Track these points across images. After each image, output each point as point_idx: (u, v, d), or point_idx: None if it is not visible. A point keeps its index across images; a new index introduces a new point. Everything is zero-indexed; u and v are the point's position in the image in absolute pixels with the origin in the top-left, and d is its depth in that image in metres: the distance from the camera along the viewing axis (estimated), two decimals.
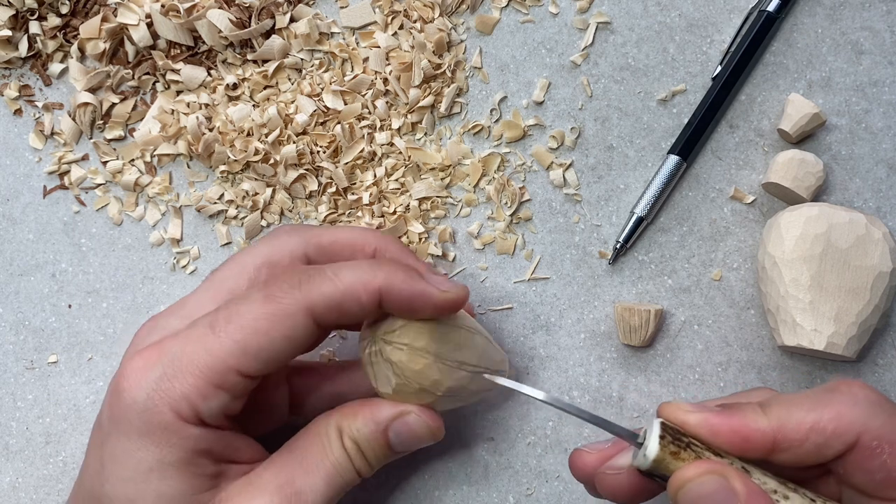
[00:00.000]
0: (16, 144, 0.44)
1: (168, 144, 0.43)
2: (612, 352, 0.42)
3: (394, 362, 0.32)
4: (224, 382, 0.30)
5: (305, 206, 0.43)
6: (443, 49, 0.43)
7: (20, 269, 0.43)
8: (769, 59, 0.43)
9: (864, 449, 0.28)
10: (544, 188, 0.43)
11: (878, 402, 0.29)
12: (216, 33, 0.42)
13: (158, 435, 0.30)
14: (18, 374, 0.42)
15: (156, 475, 0.30)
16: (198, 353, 0.30)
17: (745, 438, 0.29)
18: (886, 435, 0.28)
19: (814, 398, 0.30)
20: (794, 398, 0.30)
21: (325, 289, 0.31)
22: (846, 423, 0.28)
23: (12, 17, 0.43)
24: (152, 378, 0.30)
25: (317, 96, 0.42)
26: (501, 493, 0.41)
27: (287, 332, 0.30)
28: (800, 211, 0.39)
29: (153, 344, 0.32)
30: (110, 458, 0.31)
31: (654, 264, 0.42)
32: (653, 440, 0.28)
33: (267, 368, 0.31)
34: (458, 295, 0.32)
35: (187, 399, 0.30)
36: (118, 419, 0.31)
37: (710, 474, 0.27)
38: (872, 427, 0.28)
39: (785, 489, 0.29)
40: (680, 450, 0.28)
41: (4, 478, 0.42)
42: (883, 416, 0.28)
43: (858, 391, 0.29)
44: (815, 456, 0.29)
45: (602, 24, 0.44)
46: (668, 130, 0.43)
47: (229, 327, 0.30)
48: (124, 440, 0.30)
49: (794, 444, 0.29)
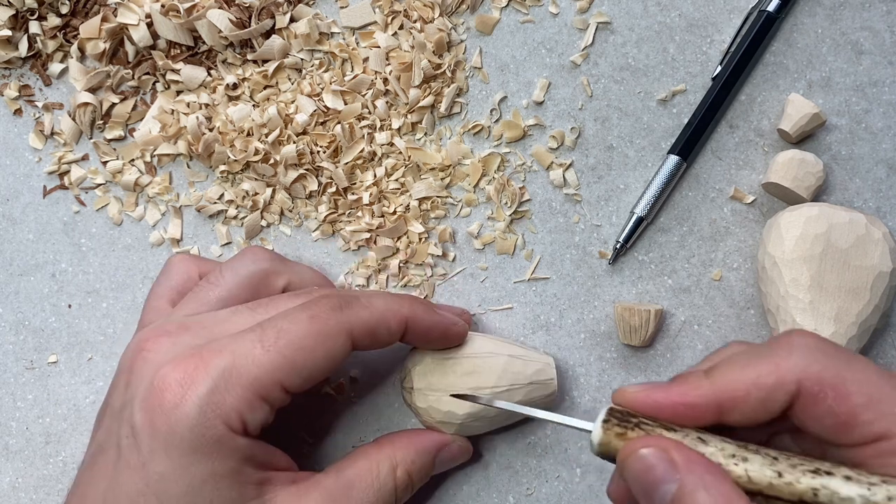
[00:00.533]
0: (16, 144, 0.44)
1: (168, 144, 0.43)
2: (612, 352, 0.42)
3: (409, 404, 0.38)
4: (269, 395, 0.32)
5: (305, 205, 0.43)
6: (443, 49, 0.43)
7: (20, 269, 0.43)
8: (769, 59, 0.43)
9: (808, 396, 0.27)
10: (544, 188, 0.43)
11: (818, 347, 0.28)
12: (216, 33, 0.42)
13: (211, 447, 0.31)
14: (18, 374, 0.42)
15: (209, 486, 0.31)
16: (247, 367, 0.31)
17: (690, 406, 0.29)
18: (828, 379, 0.27)
19: (753, 353, 0.29)
20: (737, 357, 0.29)
21: (362, 314, 0.34)
22: (784, 373, 0.28)
23: (12, 17, 0.43)
24: (202, 392, 0.31)
25: (317, 96, 0.42)
26: (501, 494, 0.41)
27: (329, 351, 0.33)
28: (800, 211, 0.39)
29: (190, 355, 0.32)
30: (160, 477, 0.31)
31: (654, 264, 0.42)
32: (596, 426, 0.29)
33: (305, 385, 0.33)
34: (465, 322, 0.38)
35: (237, 411, 0.31)
36: (165, 435, 0.31)
37: (647, 448, 0.28)
38: (812, 373, 0.27)
39: (745, 452, 0.28)
40: (626, 430, 0.28)
41: (4, 478, 0.42)
42: (823, 360, 0.27)
43: (797, 339, 0.28)
44: (764, 411, 0.28)
45: (602, 24, 0.44)
46: (668, 130, 0.43)
47: (279, 343, 0.32)
48: (176, 457, 0.31)
49: (738, 404, 0.28)
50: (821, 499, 0.26)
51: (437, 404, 0.37)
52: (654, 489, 0.27)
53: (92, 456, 0.34)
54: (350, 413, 0.42)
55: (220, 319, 0.34)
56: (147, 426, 0.31)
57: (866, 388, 0.27)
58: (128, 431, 0.32)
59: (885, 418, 0.26)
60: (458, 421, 0.37)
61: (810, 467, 0.27)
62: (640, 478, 0.28)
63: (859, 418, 0.27)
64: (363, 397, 0.42)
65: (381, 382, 0.42)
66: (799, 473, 0.27)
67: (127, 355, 0.35)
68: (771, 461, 0.27)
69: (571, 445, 0.41)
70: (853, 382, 0.27)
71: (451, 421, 0.37)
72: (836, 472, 0.27)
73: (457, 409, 0.37)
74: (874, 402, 0.27)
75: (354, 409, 0.42)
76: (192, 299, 0.37)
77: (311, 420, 0.41)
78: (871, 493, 0.26)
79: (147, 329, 0.35)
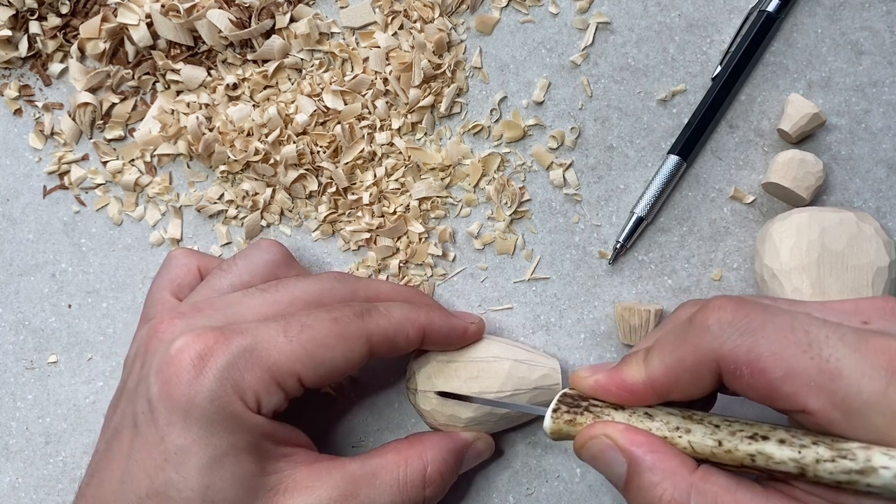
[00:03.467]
0: (16, 144, 0.44)
1: (168, 144, 0.43)
2: (612, 352, 0.42)
3: (414, 405, 0.38)
4: (285, 383, 0.32)
5: (305, 205, 0.43)
6: (443, 49, 0.43)
7: (20, 269, 0.43)
8: (769, 59, 0.43)
9: (728, 374, 0.28)
10: (544, 188, 0.43)
11: (730, 322, 0.28)
12: (216, 33, 0.42)
13: (230, 422, 0.31)
14: (18, 374, 0.42)
15: (231, 459, 0.31)
16: (268, 351, 0.32)
17: (630, 391, 0.30)
18: (741, 357, 0.27)
19: (677, 335, 0.29)
20: (665, 339, 0.30)
21: (381, 322, 0.34)
22: (702, 355, 0.28)
23: (12, 17, 0.43)
24: (221, 364, 0.31)
25: (317, 96, 0.42)
26: (501, 494, 0.41)
27: (348, 353, 0.33)
28: (790, 219, 0.39)
29: (210, 330, 0.32)
30: (180, 449, 0.30)
31: (654, 264, 0.42)
32: (547, 415, 0.32)
33: (319, 382, 0.33)
34: (480, 326, 0.38)
35: (254, 390, 0.31)
36: (184, 406, 0.30)
37: (593, 439, 0.30)
38: (725, 352, 0.27)
39: (689, 423, 0.29)
40: (575, 416, 0.31)
41: (4, 478, 0.42)
42: (735, 338, 0.27)
43: (710, 315, 0.28)
44: (699, 389, 0.29)
45: (602, 24, 0.44)
46: (668, 130, 0.43)
47: (302, 336, 0.32)
48: (195, 429, 0.30)
49: (670, 386, 0.29)
50: (758, 463, 0.28)
51: (441, 407, 0.37)
52: (608, 473, 0.30)
53: (106, 442, 0.33)
54: (350, 413, 0.42)
55: (231, 302, 0.35)
56: (164, 397, 0.31)
57: (782, 362, 0.27)
58: (144, 407, 0.31)
59: (804, 389, 0.26)
60: (462, 424, 0.37)
61: (749, 433, 0.28)
62: (596, 465, 0.31)
63: (780, 391, 0.27)
64: (363, 397, 0.42)
65: (381, 383, 0.42)
66: (737, 440, 0.28)
67: (139, 341, 0.35)
68: (713, 430, 0.29)
69: (571, 445, 0.41)
70: (768, 357, 0.27)
71: (455, 424, 0.37)
72: (773, 435, 0.28)
73: (460, 413, 0.37)
74: (791, 374, 0.26)
75: (354, 410, 0.42)
76: (204, 287, 0.37)
77: (310, 420, 0.41)
78: (801, 455, 0.27)
79: (159, 314, 0.35)
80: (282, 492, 0.32)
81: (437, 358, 0.38)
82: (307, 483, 0.32)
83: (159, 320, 0.34)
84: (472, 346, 0.38)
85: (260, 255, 0.38)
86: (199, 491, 0.30)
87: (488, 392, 0.37)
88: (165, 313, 0.34)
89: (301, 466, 0.33)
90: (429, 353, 0.38)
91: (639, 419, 0.30)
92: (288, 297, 0.35)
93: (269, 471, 0.32)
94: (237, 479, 0.31)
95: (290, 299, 0.35)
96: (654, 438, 0.29)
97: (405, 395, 0.42)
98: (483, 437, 0.38)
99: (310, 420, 0.41)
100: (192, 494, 0.30)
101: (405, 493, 0.34)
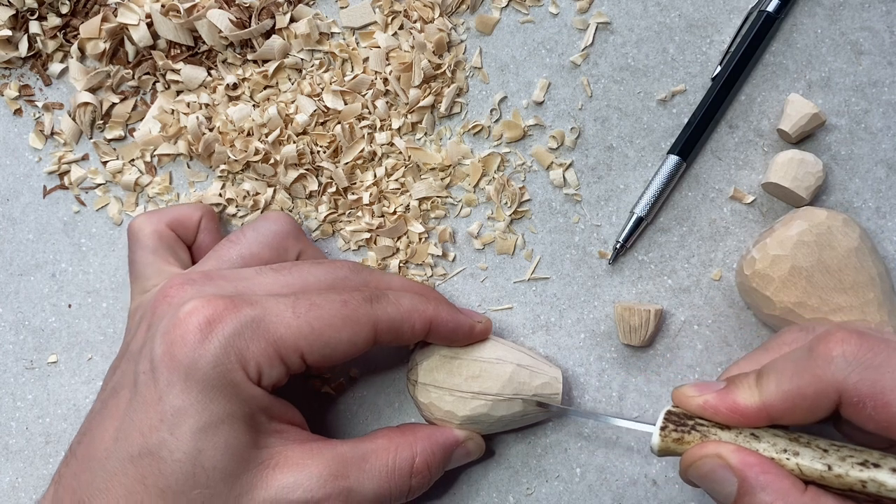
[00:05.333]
0: (16, 144, 0.44)
1: (168, 144, 0.43)
2: (612, 352, 0.42)
3: (412, 396, 0.38)
4: (288, 358, 0.32)
5: (305, 205, 0.43)
6: (443, 49, 0.43)
7: (20, 269, 0.43)
8: (769, 59, 0.44)
9: (849, 406, 0.29)
10: (544, 188, 0.43)
11: (855, 355, 0.29)
12: (216, 33, 0.42)
13: (230, 390, 0.31)
14: (18, 374, 0.42)
15: (226, 426, 0.31)
16: (275, 324, 0.32)
17: (742, 415, 0.31)
18: (865, 390, 0.28)
19: (797, 363, 0.30)
20: (783, 365, 0.30)
21: (389, 310, 0.34)
22: (824, 386, 0.29)
23: (12, 17, 0.43)
24: (228, 332, 0.31)
25: (317, 96, 0.43)
26: (501, 494, 0.41)
27: (353, 336, 0.33)
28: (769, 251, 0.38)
29: (220, 297, 0.32)
30: (177, 411, 0.30)
31: (654, 264, 0.42)
32: (655, 433, 0.32)
33: (321, 362, 0.33)
34: (487, 325, 0.38)
35: (257, 361, 0.32)
36: (186, 368, 0.30)
37: (704, 458, 0.30)
38: (849, 385, 0.28)
39: (797, 446, 0.30)
40: (683, 434, 0.31)
41: (4, 478, 0.42)
42: (859, 371, 0.28)
43: (834, 347, 0.29)
44: (813, 417, 0.30)
45: (602, 25, 0.44)
46: (667, 130, 0.43)
47: (310, 314, 0.33)
48: (195, 392, 0.30)
49: (785, 413, 0.30)
50: (869, 489, 0.28)
51: (439, 402, 0.37)
52: (716, 491, 0.30)
53: (103, 402, 0.33)
54: (349, 412, 0.42)
55: (244, 276, 0.35)
56: (167, 358, 0.31)
57: None
58: (146, 367, 0.31)
59: None
60: (457, 422, 0.37)
61: (859, 459, 0.29)
62: (703, 484, 0.31)
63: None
64: (363, 397, 0.42)
65: (381, 382, 0.42)
66: (848, 466, 0.29)
67: (145, 305, 0.35)
68: (821, 454, 0.29)
69: (571, 445, 0.41)
70: (893, 391, 0.28)
71: (450, 420, 0.37)
72: (884, 463, 0.28)
73: (456, 410, 0.37)
74: None
75: (353, 409, 0.42)
76: (212, 256, 0.37)
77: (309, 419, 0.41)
78: None
79: (171, 278, 0.34)
80: (272, 466, 0.32)
81: (441, 353, 0.38)
82: (297, 460, 0.33)
83: (169, 285, 0.34)
84: (477, 346, 0.38)
85: (269, 226, 0.38)
86: (191, 454, 0.30)
87: (488, 393, 0.37)
88: (176, 278, 0.34)
89: (293, 444, 0.33)
90: (433, 347, 0.38)
91: (745, 440, 0.31)
92: (300, 282, 0.35)
93: (261, 444, 0.32)
94: (230, 447, 0.31)
95: (303, 284, 0.35)
96: (765, 459, 0.30)
97: (404, 386, 0.42)
98: (474, 438, 0.38)
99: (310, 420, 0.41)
100: (184, 457, 0.30)
101: (392, 479, 0.34)
